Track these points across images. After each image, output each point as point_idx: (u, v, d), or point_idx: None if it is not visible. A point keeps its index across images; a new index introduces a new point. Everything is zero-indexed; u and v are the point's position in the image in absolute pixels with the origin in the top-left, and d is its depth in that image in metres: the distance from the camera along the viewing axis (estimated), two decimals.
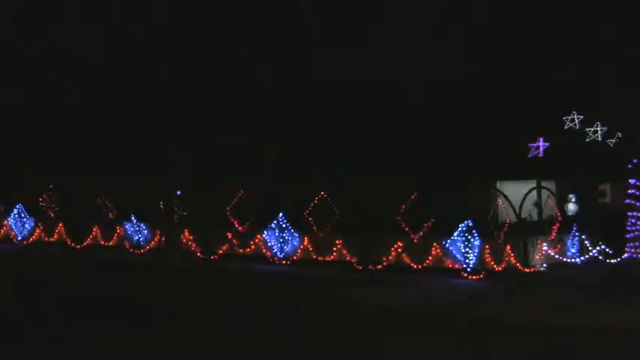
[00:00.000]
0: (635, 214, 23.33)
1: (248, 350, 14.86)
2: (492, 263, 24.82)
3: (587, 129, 33.91)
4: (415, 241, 25.53)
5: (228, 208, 29.73)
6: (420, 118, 37.48)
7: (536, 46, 36.31)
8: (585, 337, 15.67)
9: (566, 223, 27.84)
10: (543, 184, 28.51)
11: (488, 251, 24.74)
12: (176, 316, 18.34)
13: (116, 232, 33.00)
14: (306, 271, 26.28)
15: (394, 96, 37.75)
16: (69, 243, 34.13)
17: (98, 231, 33.50)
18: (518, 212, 26.03)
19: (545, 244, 26.74)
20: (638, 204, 23.33)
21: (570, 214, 28.67)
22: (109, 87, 44.70)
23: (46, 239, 35.26)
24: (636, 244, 23.27)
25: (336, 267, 26.61)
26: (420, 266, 25.45)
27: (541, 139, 33.12)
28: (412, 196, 25.61)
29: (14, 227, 36.40)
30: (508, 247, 25.46)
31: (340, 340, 15.63)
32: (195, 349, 15.03)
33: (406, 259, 25.75)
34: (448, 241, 24.95)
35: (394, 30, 40.04)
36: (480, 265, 24.58)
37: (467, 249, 24.53)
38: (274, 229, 28.57)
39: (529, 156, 32.84)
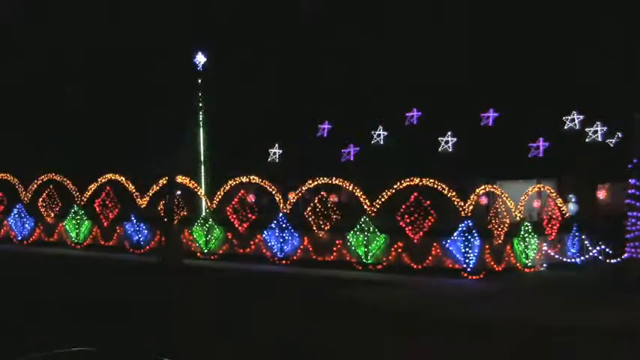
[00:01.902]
0: (635, 214, 23.27)
1: (248, 350, 14.84)
2: (492, 263, 24.80)
3: (587, 129, 33.90)
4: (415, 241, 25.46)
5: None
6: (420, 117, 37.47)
7: (536, 46, 36.31)
8: (585, 337, 15.65)
9: (566, 223, 27.84)
10: (543, 184, 28.51)
11: (488, 251, 24.72)
12: (176, 316, 18.32)
13: (116, 232, 32.96)
14: (306, 271, 26.25)
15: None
16: (69, 243, 34.12)
17: (98, 231, 33.46)
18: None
19: (545, 244, 26.74)
20: (638, 204, 23.27)
21: (570, 214, 28.64)
22: (108, 87, 44.71)
23: (46, 239, 35.20)
24: (636, 244, 23.21)
25: (337, 267, 26.59)
26: (420, 266, 25.42)
27: (541, 139, 33.14)
28: (412, 196, 25.53)
29: (14, 227, 36.30)
30: (508, 247, 25.45)
31: (340, 340, 15.61)
32: (195, 348, 15.02)
33: (406, 259, 25.71)
34: (448, 241, 24.91)
35: (393, 28, 40.05)
36: (480, 265, 24.56)
37: (467, 249, 24.49)
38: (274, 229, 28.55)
39: (529, 156, 32.86)
